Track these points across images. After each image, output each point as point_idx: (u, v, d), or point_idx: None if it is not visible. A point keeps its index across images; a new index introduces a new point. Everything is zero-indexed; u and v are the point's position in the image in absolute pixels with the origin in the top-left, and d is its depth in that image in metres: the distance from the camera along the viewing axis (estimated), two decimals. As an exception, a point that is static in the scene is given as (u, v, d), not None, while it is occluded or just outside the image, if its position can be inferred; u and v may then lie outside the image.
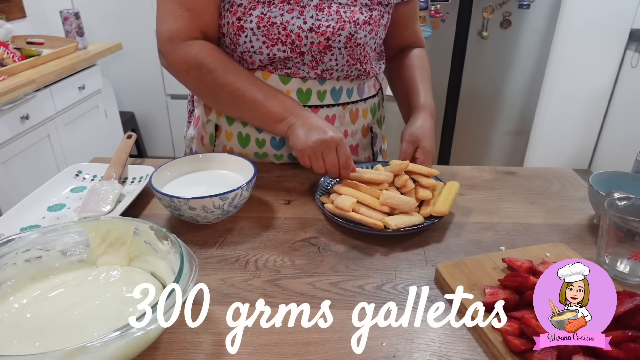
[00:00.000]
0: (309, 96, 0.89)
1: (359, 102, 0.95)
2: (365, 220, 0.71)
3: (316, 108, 0.90)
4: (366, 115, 0.98)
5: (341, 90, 0.91)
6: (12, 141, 1.78)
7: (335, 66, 0.87)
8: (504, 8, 2.45)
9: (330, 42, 0.83)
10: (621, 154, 2.70)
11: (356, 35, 0.84)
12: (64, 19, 2.27)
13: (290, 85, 0.87)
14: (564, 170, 0.95)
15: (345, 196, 0.75)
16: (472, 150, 2.81)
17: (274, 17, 0.80)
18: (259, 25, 0.80)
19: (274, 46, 0.82)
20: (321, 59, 0.85)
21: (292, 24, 0.80)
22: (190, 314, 0.57)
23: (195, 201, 0.69)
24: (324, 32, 0.82)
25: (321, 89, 0.89)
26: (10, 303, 0.55)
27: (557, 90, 2.77)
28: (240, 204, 0.74)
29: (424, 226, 0.71)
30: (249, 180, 0.73)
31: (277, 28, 0.81)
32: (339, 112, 0.92)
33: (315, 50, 0.83)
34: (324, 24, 0.81)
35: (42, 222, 0.76)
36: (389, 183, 0.78)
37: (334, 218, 0.73)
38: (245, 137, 0.93)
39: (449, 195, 0.76)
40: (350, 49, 0.85)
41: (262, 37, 0.81)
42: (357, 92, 0.94)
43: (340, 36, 0.83)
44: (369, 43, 0.87)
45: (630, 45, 2.62)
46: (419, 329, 0.55)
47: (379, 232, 0.70)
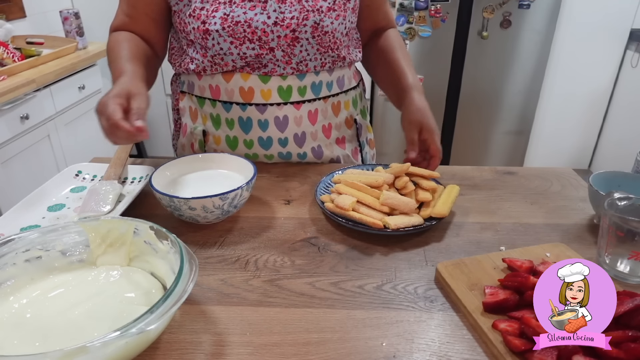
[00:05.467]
0: (290, 93, 0.89)
1: (339, 94, 0.95)
2: (365, 220, 0.71)
3: (298, 104, 0.90)
4: (348, 107, 0.99)
5: (321, 85, 0.91)
6: (12, 141, 1.78)
7: (307, 57, 0.86)
8: (504, 8, 2.45)
9: (296, 33, 0.83)
10: (621, 154, 2.70)
11: (322, 23, 0.83)
12: (64, 19, 2.27)
13: (270, 84, 0.87)
14: (564, 170, 0.95)
15: (345, 195, 0.75)
16: (472, 150, 2.81)
17: (237, 16, 0.81)
18: (223, 27, 0.81)
19: (242, 45, 0.83)
20: (292, 52, 0.85)
21: (256, 20, 0.81)
22: (190, 314, 0.57)
23: (195, 201, 0.68)
24: (289, 24, 0.82)
25: (301, 85, 0.89)
26: (10, 303, 0.55)
27: (557, 90, 2.77)
28: (241, 204, 0.74)
29: (424, 227, 0.71)
30: (249, 180, 0.73)
31: (242, 26, 0.81)
32: (320, 106, 0.93)
33: (284, 44, 0.83)
34: (287, 17, 0.82)
35: (42, 222, 0.76)
36: (389, 185, 0.78)
37: (333, 217, 0.73)
38: (233, 140, 0.93)
39: (449, 198, 0.76)
40: (319, 37, 0.85)
41: (229, 38, 0.82)
42: (337, 84, 0.94)
43: (306, 26, 0.83)
44: (337, 29, 0.86)
45: (630, 45, 2.62)
46: (419, 329, 0.55)
47: (378, 232, 0.70)
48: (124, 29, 0.90)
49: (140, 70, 0.79)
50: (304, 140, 0.94)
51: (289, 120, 0.90)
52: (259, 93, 0.87)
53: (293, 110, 0.90)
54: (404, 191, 0.77)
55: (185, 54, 0.90)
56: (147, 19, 0.90)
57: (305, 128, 0.92)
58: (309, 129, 0.93)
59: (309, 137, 0.94)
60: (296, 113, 0.90)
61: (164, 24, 0.92)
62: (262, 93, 0.87)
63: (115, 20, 0.92)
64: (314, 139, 0.95)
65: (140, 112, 0.68)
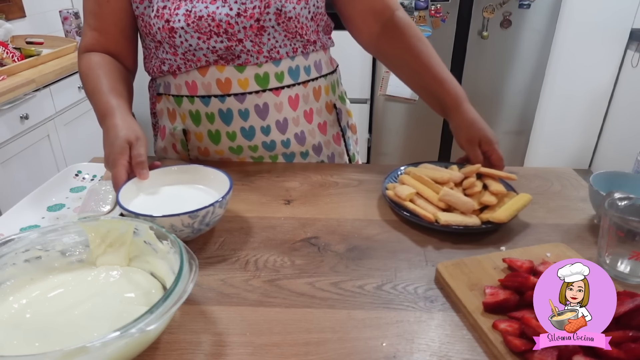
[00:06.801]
0: (267, 80, 0.88)
1: (319, 78, 0.95)
2: (417, 211, 0.73)
3: (277, 90, 0.89)
4: (328, 92, 0.99)
5: (298, 69, 0.91)
6: (11, 141, 1.78)
7: (277, 44, 0.86)
8: (504, 8, 2.45)
9: (261, 22, 0.83)
10: (621, 154, 2.70)
11: (284, 9, 0.83)
12: (64, 18, 2.27)
13: (247, 73, 0.87)
14: (564, 170, 0.95)
15: (406, 186, 0.77)
16: (472, 150, 2.81)
17: (200, 11, 0.81)
18: (187, 23, 0.81)
19: (209, 39, 0.83)
20: (261, 41, 0.85)
21: (219, 13, 0.81)
22: (190, 314, 0.57)
23: (162, 220, 0.62)
24: (252, 14, 0.82)
25: (277, 71, 0.88)
26: (9, 303, 0.55)
27: (558, 90, 2.77)
28: (214, 222, 0.68)
29: (476, 228, 0.70)
30: (222, 196, 0.67)
31: (206, 21, 0.81)
32: (301, 91, 0.92)
33: (252, 35, 0.83)
34: (249, 7, 0.81)
35: (42, 222, 0.76)
36: (456, 183, 0.78)
37: (391, 204, 0.77)
38: (215, 134, 0.92)
39: (515, 205, 0.73)
40: (284, 24, 0.84)
41: (196, 33, 0.82)
42: (315, 69, 0.94)
43: (269, 14, 0.82)
44: (301, 14, 0.85)
45: (631, 45, 2.62)
46: (419, 329, 0.55)
47: (428, 225, 0.71)
48: (94, 49, 0.89)
49: (124, 103, 0.82)
50: (286, 126, 0.93)
51: (269, 107, 0.90)
52: (236, 83, 0.87)
53: (272, 97, 0.89)
54: (469, 191, 0.76)
55: (156, 57, 0.90)
56: (115, 30, 0.89)
57: (286, 114, 0.92)
58: (290, 115, 0.93)
59: (291, 123, 0.93)
60: (276, 99, 0.90)
61: (133, 35, 0.92)
62: (239, 82, 0.87)
63: (84, 39, 0.90)
64: (296, 125, 0.94)
65: (141, 160, 0.73)
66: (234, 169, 0.94)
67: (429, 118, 2.70)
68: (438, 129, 2.74)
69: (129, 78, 0.94)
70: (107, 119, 0.77)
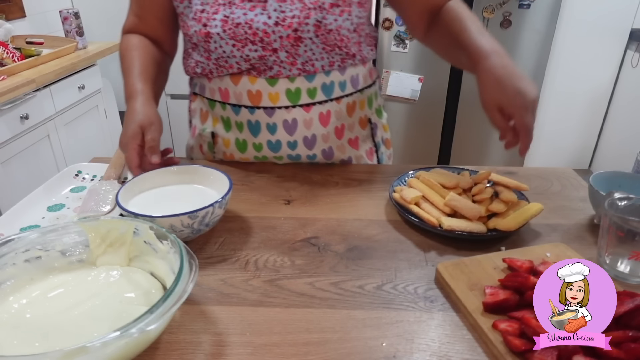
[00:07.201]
0: (299, 95, 0.86)
1: (354, 93, 0.92)
2: (421, 214, 0.72)
3: (307, 106, 0.87)
4: (363, 107, 0.95)
5: (333, 85, 0.88)
6: (11, 141, 1.78)
7: (313, 56, 0.83)
8: (504, 8, 2.45)
9: (299, 33, 0.80)
10: (621, 154, 2.69)
11: (324, 21, 0.79)
12: (64, 18, 2.27)
13: (278, 87, 0.85)
14: (564, 170, 0.95)
15: (412, 189, 0.77)
16: (472, 150, 2.81)
17: (237, 18, 0.79)
18: (224, 29, 0.80)
19: (244, 47, 0.81)
20: (296, 53, 0.82)
21: (257, 21, 0.79)
22: (190, 314, 0.57)
23: (162, 220, 0.63)
24: (290, 24, 0.79)
25: (310, 86, 0.86)
26: (9, 303, 0.55)
27: (557, 90, 2.77)
28: (213, 222, 0.69)
29: (480, 235, 0.69)
30: (222, 196, 0.67)
31: (243, 28, 0.80)
32: (333, 107, 0.90)
33: (287, 45, 0.81)
34: (288, 15, 0.79)
35: (42, 222, 0.76)
36: (465, 189, 0.77)
37: (396, 206, 0.77)
38: (242, 143, 0.92)
39: (524, 214, 0.71)
40: (323, 36, 0.81)
41: (231, 40, 0.81)
42: (350, 84, 0.90)
43: (308, 25, 0.79)
44: (342, 26, 0.82)
45: (631, 45, 2.62)
46: (419, 329, 0.55)
47: (431, 229, 0.71)
48: (134, 31, 0.92)
49: (150, 88, 0.84)
50: (314, 142, 0.92)
51: (298, 123, 0.88)
52: (266, 96, 0.86)
53: (302, 113, 0.88)
54: (478, 197, 0.75)
55: (191, 57, 0.90)
56: (154, 20, 0.91)
57: (315, 130, 0.90)
58: (319, 131, 0.91)
59: (319, 140, 0.92)
60: (306, 116, 0.88)
61: (172, 24, 0.92)
62: (269, 96, 0.86)
63: (127, 22, 0.94)
64: (324, 141, 0.92)
65: (153, 145, 0.76)
66: (234, 169, 0.94)
67: (429, 118, 2.70)
68: (438, 129, 2.74)
69: (165, 62, 0.95)
70: (129, 101, 0.81)
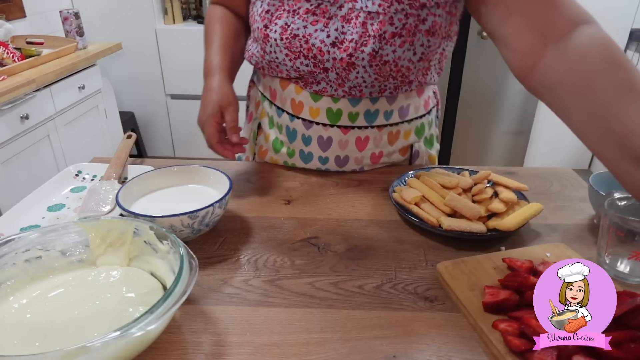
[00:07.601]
0: (339, 117, 0.84)
1: (400, 124, 0.88)
2: (420, 214, 0.72)
3: (346, 129, 0.85)
4: (408, 137, 0.91)
5: (377, 113, 0.84)
6: (12, 141, 1.78)
7: (363, 83, 0.79)
8: (504, 8, 2.45)
9: (352, 59, 0.75)
10: (621, 154, 2.69)
11: (381, 52, 0.74)
12: (64, 18, 2.27)
13: (320, 104, 0.84)
14: (564, 170, 0.95)
15: (412, 189, 0.77)
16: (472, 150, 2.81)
17: (297, 29, 0.76)
18: (281, 37, 0.78)
19: (296, 59, 0.79)
20: (347, 77, 0.78)
21: (315, 37, 0.76)
22: (190, 314, 0.57)
23: (162, 220, 0.63)
24: (347, 47, 0.75)
25: (353, 111, 0.83)
26: (10, 303, 0.55)
27: (557, 90, 2.77)
28: (213, 222, 0.69)
29: (478, 235, 0.69)
30: (222, 196, 0.67)
31: (300, 41, 0.77)
32: (373, 133, 0.86)
33: (339, 67, 0.77)
34: (347, 38, 0.74)
35: (42, 222, 0.76)
36: (465, 189, 0.78)
37: (397, 206, 0.77)
38: (279, 144, 0.92)
39: (524, 214, 0.71)
40: (377, 67, 0.76)
41: (285, 50, 0.79)
42: (398, 114, 0.86)
43: (363, 53, 0.74)
44: (402, 57, 0.75)
45: (631, 45, 2.62)
46: (419, 329, 0.55)
47: (431, 229, 0.71)
48: (221, 2, 0.93)
49: (229, 63, 0.86)
50: (346, 162, 0.90)
51: (333, 142, 0.87)
52: (307, 109, 0.85)
53: (339, 134, 0.86)
54: (478, 197, 0.75)
55: (251, 46, 0.89)
56: None
57: (349, 152, 0.88)
58: (353, 154, 0.88)
59: (351, 161, 0.89)
60: (342, 137, 0.86)
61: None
62: (310, 110, 0.85)
63: None
64: (357, 164, 0.90)
65: (234, 126, 0.80)
66: (234, 169, 0.94)
67: (429, 118, 2.70)
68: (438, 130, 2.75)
69: (245, 34, 0.95)
70: (207, 78, 0.84)
